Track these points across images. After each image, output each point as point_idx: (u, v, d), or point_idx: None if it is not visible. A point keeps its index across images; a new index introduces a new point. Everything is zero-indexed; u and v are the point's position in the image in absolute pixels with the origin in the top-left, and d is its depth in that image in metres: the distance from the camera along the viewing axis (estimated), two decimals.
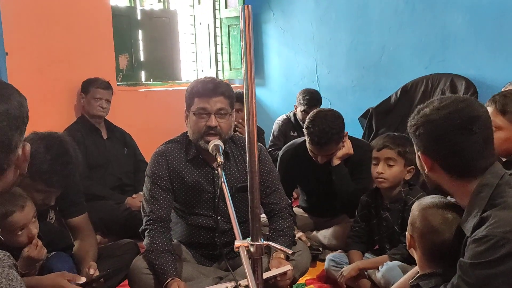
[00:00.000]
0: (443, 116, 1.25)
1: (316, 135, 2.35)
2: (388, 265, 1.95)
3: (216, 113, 1.83)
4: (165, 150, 1.96)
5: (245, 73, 1.11)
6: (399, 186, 2.11)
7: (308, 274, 2.19)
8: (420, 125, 1.29)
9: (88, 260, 1.74)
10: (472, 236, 1.17)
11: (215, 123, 1.82)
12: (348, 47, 4.45)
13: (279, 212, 2.01)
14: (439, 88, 3.72)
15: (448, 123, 1.24)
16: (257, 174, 1.14)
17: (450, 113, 1.24)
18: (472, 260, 1.14)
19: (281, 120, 4.02)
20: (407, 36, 4.08)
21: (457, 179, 1.27)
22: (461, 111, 1.24)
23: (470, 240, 1.17)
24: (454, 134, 1.24)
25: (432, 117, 1.27)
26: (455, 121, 1.24)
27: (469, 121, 1.23)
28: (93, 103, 3.13)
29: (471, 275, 1.13)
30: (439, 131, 1.25)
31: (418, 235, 1.37)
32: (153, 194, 1.90)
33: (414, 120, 1.32)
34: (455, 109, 1.25)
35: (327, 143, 2.36)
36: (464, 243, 1.21)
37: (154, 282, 1.79)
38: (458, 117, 1.23)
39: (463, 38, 3.81)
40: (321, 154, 2.44)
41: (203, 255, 2.03)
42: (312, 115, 2.43)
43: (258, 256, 1.15)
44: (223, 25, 5.00)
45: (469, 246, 1.16)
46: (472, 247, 1.15)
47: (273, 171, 2.06)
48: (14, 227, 1.55)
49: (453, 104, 1.26)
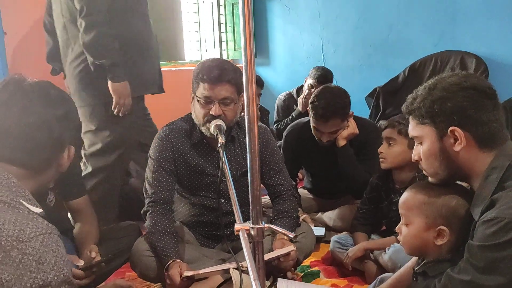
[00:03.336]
0: (474, 82, 1.20)
1: (320, 108, 2.30)
2: (395, 247, 1.91)
3: (220, 102, 1.78)
4: (169, 132, 1.93)
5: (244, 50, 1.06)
6: (409, 169, 2.04)
7: (312, 256, 2.17)
8: (452, 95, 1.19)
9: (89, 243, 1.72)
10: (481, 218, 1.12)
11: (219, 111, 1.77)
12: (355, 24, 4.36)
13: (283, 193, 1.98)
14: (449, 66, 3.64)
15: (480, 88, 1.20)
16: (257, 155, 1.11)
17: (477, 80, 1.21)
18: (480, 243, 1.09)
19: (283, 96, 4.02)
20: (415, 13, 3.98)
21: (483, 152, 1.20)
22: (483, 80, 1.23)
23: (479, 222, 1.12)
24: (484, 99, 1.19)
25: (464, 84, 1.20)
26: (483, 87, 1.20)
27: (492, 88, 1.22)
28: None
29: (479, 258, 1.09)
30: (474, 96, 1.19)
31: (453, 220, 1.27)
32: (156, 176, 1.88)
33: (435, 95, 1.22)
34: (478, 79, 1.22)
35: (331, 117, 2.31)
36: (473, 227, 1.17)
37: (156, 264, 1.78)
38: (485, 83, 1.21)
39: (473, 14, 3.70)
40: (325, 131, 2.38)
41: (206, 236, 2.01)
42: (318, 90, 2.40)
43: (259, 239, 1.12)
44: (227, 3, 4.91)
45: (478, 229, 1.12)
46: (481, 229, 1.10)
47: (277, 152, 2.03)
48: None
49: (473, 75, 1.23)
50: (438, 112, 1.21)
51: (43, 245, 0.90)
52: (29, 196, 1.03)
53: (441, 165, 1.25)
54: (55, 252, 0.92)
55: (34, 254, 0.88)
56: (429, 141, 1.25)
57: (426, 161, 1.28)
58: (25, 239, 0.89)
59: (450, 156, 1.23)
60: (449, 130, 1.20)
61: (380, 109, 3.87)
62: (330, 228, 2.53)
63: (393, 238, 2.01)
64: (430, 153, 1.26)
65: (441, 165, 1.25)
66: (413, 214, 1.32)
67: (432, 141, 1.24)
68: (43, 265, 0.88)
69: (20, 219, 0.92)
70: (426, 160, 1.28)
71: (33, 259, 0.88)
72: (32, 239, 0.89)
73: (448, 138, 1.21)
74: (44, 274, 0.88)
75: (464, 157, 1.21)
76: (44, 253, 0.89)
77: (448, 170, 1.25)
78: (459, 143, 1.19)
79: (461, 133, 1.19)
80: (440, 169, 1.26)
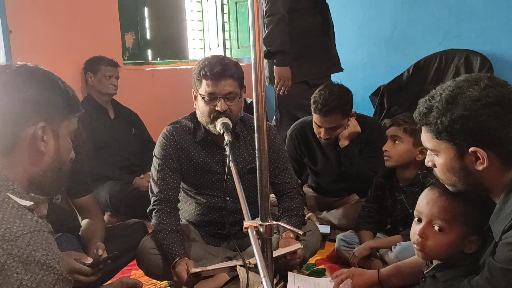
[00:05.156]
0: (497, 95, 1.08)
1: (320, 102, 2.29)
2: (402, 245, 1.90)
3: (225, 97, 1.78)
4: (174, 131, 1.93)
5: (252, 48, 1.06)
6: (413, 168, 2.04)
7: (318, 255, 2.17)
8: (472, 116, 1.08)
9: (96, 241, 1.73)
10: (504, 238, 1.07)
11: (225, 107, 1.77)
12: (359, 22, 4.34)
13: (289, 191, 1.98)
14: (453, 65, 3.61)
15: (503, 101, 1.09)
16: (266, 152, 1.10)
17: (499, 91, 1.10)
18: (503, 265, 1.05)
19: None
20: (420, 11, 3.96)
21: (506, 168, 1.12)
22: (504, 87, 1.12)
23: (503, 243, 1.08)
24: (508, 114, 1.09)
25: (488, 100, 1.08)
26: (505, 99, 1.10)
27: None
28: (104, 82, 3.11)
29: (500, 280, 1.06)
30: (499, 114, 1.08)
31: None
32: (161, 174, 1.88)
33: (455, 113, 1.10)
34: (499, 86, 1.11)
35: (331, 111, 2.30)
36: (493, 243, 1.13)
37: (162, 262, 1.79)
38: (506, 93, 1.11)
39: (478, 13, 3.68)
40: (325, 126, 2.36)
41: (212, 234, 2.01)
42: (321, 87, 2.38)
43: (268, 236, 1.12)
44: (231, 2, 4.90)
45: (500, 248, 1.08)
46: (504, 251, 1.06)
47: (282, 151, 2.03)
48: None
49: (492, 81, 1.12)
50: (459, 131, 1.11)
51: (31, 243, 0.86)
52: (18, 188, 0.98)
53: (460, 180, 1.18)
54: (45, 250, 0.88)
55: (20, 255, 0.84)
56: (447, 157, 1.17)
57: (443, 174, 1.21)
58: (11, 238, 0.85)
59: (470, 174, 1.15)
60: (470, 150, 1.11)
61: (384, 108, 3.85)
62: (335, 227, 2.52)
63: (399, 237, 2.01)
64: (448, 169, 1.19)
65: (460, 181, 1.18)
66: (456, 222, 1.26)
67: (450, 158, 1.16)
68: (31, 265, 0.85)
69: (6, 217, 0.88)
70: (443, 174, 1.21)
71: (19, 260, 0.84)
72: (19, 238, 0.86)
73: (469, 156, 1.13)
74: (32, 275, 0.85)
75: (486, 175, 1.13)
76: (32, 252, 0.86)
77: (467, 186, 1.18)
78: (481, 162, 1.11)
79: (483, 154, 1.10)
80: (459, 184, 1.19)
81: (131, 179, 2.96)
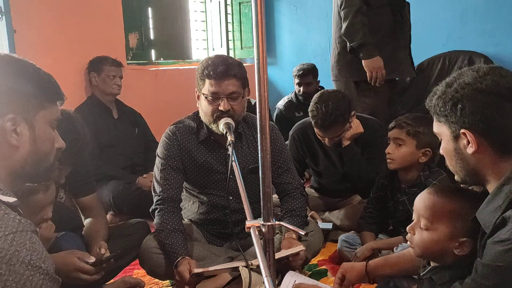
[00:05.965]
0: (490, 84, 1.10)
1: (319, 118, 2.28)
2: (404, 246, 1.90)
3: (228, 97, 1.78)
4: (176, 130, 1.93)
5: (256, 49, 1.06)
6: (416, 169, 2.04)
7: (320, 255, 2.17)
8: (464, 97, 1.11)
9: (99, 240, 1.73)
10: (493, 237, 1.07)
11: (228, 106, 1.77)
12: None
13: (291, 192, 1.98)
14: (457, 66, 3.62)
15: (497, 90, 1.10)
16: (269, 152, 1.10)
17: (495, 80, 1.11)
18: (491, 262, 1.05)
19: (282, 105, 3.97)
20: (423, 12, 3.95)
21: (501, 157, 1.13)
22: (504, 78, 1.12)
23: (491, 242, 1.07)
24: (503, 102, 1.10)
25: (479, 86, 1.10)
26: (502, 88, 1.10)
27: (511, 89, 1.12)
28: (108, 82, 3.12)
29: (487, 277, 1.06)
30: (489, 100, 1.09)
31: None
32: (164, 174, 1.89)
33: (449, 94, 1.14)
34: (499, 76, 1.12)
35: (331, 126, 2.30)
36: (482, 243, 1.13)
37: (164, 261, 1.79)
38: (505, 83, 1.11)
39: (482, 14, 3.68)
40: (327, 137, 2.38)
41: (214, 234, 2.02)
42: (316, 97, 2.36)
43: (270, 236, 1.12)
44: (234, 2, 4.91)
45: (489, 248, 1.07)
46: (492, 249, 1.05)
47: (285, 151, 2.03)
48: (35, 207, 1.53)
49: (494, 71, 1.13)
50: (450, 112, 1.15)
51: (14, 244, 0.85)
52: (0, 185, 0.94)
53: (457, 165, 1.21)
54: (29, 250, 0.86)
55: (3, 256, 0.83)
56: (445, 139, 1.21)
57: (446, 159, 1.24)
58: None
59: (464, 158, 1.17)
60: (461, 132, 1.14)
61: None
62: (337, 227, 2.52)
63: (401, 238, 2.01)
64: (446, 152, 1.22)
65: (457, 165, 1.21)
66: (439, 221, 1.26)
67: (447, 140, 1.20)
68: (14, 266, 0.83)
69: None
70: (446, 158, 1.24)
71: (2, 260, 0.82)
72: (1, 238, 0.84)
73: (461, 139, 1.16)
74: (17, 275, 0.83)
75: (479, 161, 1.15)
76: (15, 253, 0.84)
77: (464, 171, 1.20)
78: (470, 146, 1.14)
79: (472, 136, 1.12)
80: (458, 169, 1.21)
81: (134, 178, 2.97)
